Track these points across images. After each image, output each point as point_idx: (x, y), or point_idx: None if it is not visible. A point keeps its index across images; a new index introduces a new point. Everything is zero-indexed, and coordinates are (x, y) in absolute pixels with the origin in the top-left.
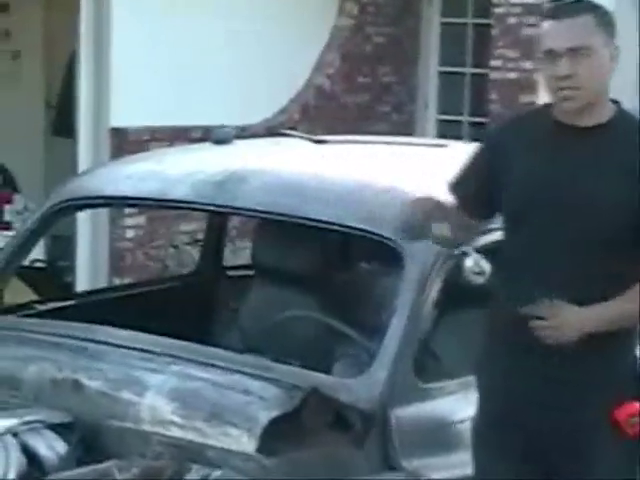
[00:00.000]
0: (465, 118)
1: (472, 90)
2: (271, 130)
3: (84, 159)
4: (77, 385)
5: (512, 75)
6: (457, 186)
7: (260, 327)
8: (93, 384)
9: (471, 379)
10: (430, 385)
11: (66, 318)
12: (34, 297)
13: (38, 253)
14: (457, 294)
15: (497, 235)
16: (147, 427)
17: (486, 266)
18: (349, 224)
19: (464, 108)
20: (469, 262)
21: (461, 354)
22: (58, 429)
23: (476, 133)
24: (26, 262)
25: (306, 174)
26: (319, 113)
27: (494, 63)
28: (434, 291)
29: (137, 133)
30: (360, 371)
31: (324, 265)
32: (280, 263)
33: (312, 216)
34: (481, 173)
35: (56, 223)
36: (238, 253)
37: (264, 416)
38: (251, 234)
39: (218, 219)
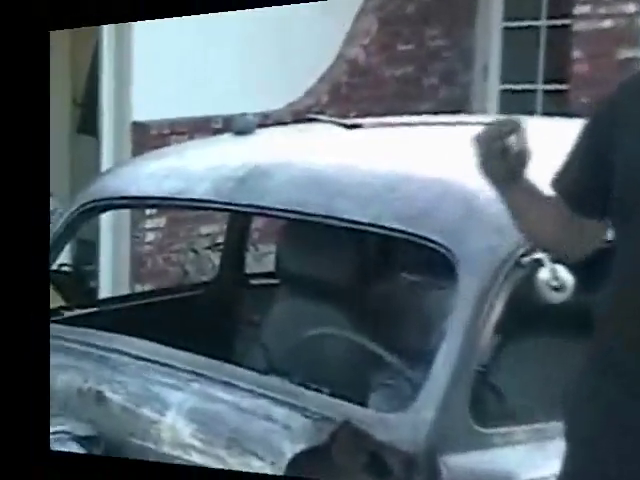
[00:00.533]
0: (538, 86)
1: (548, 49)
2: (297, 115)
3: (107, 157)
4: (101, 397)
5: (606, 24)
6: (556, 178)
7: (285, 345)
8: (115, 397)
9: (546, 426)
10: (491, 430)
11: (91, 325)
12: (62, 302)
13: (65, 257)
14: (528, 314)
15: None
16: (167, 449)
17: (568, 279)
18: (389, 225)
19: (537, 74)
20: (544, 273)
21: (533, 392)
22: (82, 442)
23: (553, 106)
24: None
25: (337, 166)
26: (352, 92)
27: (580, 10)
28: (496, 309)
29: (158, 127)
30: (402, 405)
31: (360, 274)
32: (308, 271)
33: (345, 216)
34: (585, 159)
35: (81, 226)
36: (261, 259)
37: (289, 448)
38: (275, 237)
39: (239, 220)
